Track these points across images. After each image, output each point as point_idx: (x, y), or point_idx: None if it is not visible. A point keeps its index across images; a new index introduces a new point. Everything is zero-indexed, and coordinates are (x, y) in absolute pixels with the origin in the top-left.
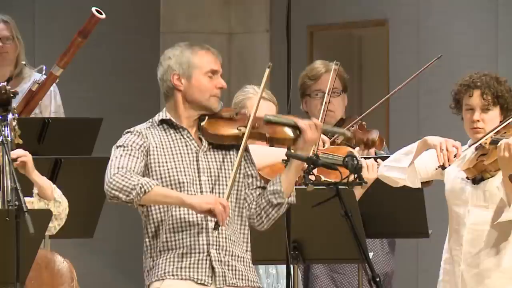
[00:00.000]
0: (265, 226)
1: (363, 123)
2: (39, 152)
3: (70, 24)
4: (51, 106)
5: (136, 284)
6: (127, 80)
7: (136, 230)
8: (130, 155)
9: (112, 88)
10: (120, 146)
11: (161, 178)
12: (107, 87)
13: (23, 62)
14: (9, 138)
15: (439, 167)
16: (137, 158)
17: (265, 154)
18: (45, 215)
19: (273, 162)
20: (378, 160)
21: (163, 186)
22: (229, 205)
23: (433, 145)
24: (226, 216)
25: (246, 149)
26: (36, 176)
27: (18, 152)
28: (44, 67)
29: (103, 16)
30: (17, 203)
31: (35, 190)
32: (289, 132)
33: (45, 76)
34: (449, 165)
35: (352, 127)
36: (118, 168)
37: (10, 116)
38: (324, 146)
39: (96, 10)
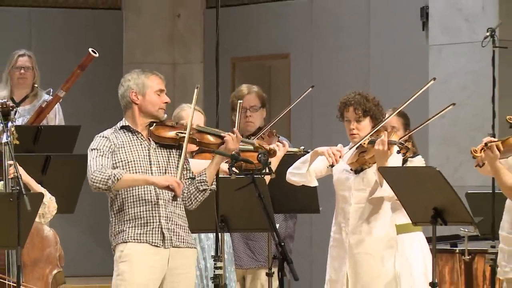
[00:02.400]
0: (193, 206)
1: (273, 130)
2: (34, 151)
3: (59, 55)
4: (56, 119)
5: (104, 248)
6: (97, 99)
7: (105, 208)
8: (102, 156)
9: (86, 104)
10: (94, 149)
11: (123, 168)
12: (83, 103)
13: (36, 86)
14: (9, 140)
15: (329, 166)
16: (107, 157)
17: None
18: (38, 197)
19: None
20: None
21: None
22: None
23: (321, 152)
24: (180, 190)
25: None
26: (32, 182)
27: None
28: (51, 90)
29: (97, 55)
30: (18, 188)
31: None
32: (213, 139)
33: (51, 97)
34: (336, 163)
35: (265, 133)
36: (96, 166)
37: (10, 123)
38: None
39: (92, 51)
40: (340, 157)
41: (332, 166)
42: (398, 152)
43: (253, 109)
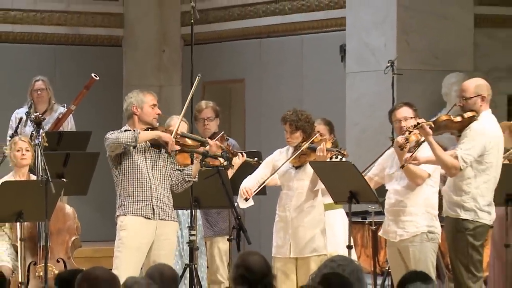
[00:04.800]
0: (179, 191)
1: (224, 135)
2: (58, 149)
3: (76, 80)
4: (68, 126)
5: (108, 220)
6: (103, 112)
7: (110, 191)
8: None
9: (96, 116)
10: (110, 132)
11: (126, 157)
12: (93, 115)
13: (53, 102)
14: (40, 142)
15: (244, 199)
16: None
17: None
18: (60, 184)
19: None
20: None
21: (126, 161)
22: (159, 179)
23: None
24: (172, 148)
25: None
26: None
27: None
28: (65, 105)
29: (98, 78)
30: (45, 177)
31: None
32: (192, 142)
33: (65, 110)
34: (249, 197)
35: (219, 138)
36: (116, 136)
37: (41, 130)
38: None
39: (94, 75)
40: (249, 194)
41: (246, 199)
42: (336, 157)
43: (209, 119)
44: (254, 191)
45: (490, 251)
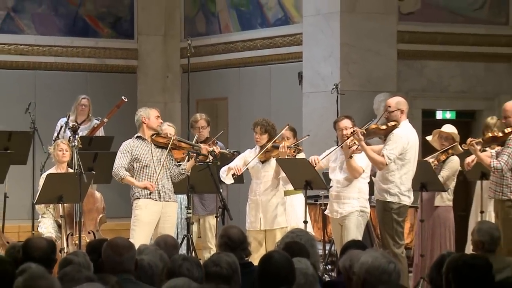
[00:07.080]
0: (176, 181)
1: (215, 140)
2: (89, 150)
3: (103, 99)
4: (100, 134)
5: (126, 202)
6: (122, 122)
7: None
8: (124, 156)
9: (117, 124)
10: (120, 151)
11: (138, 160)
12: (115, 124)
13: (90, 115)
14: (76, 144)
15: (233, 175)
16: (126, 157)
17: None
18: (91, 175)
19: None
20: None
21: (138, 164)
22: (163, 172)
23: (230, 168)
24: (153, 189)
25: (170, 151)
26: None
27: None
28: (99, 118)
29: (127, 100)
30: (80, 170)
31: None
32: (186, 145)
33: (99, 122)
34: (239, 173)
35: (210, 142)
36: (117, 165)
37: (76, 135)
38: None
39: (124, 98)
40: (239, 170)
41: (234, 175)
42: (297, 152)
43: (203, 128)
44: (242, 170)
45: (416, 225)
